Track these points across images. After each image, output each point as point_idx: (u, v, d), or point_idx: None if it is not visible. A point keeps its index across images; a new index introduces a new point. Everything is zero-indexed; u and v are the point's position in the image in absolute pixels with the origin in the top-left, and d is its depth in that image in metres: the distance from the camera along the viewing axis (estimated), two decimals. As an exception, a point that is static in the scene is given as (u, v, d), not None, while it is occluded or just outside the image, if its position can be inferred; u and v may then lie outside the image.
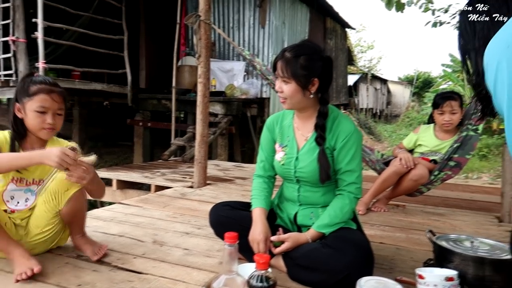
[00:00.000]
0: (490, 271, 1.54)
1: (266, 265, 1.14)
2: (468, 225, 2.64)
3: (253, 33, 7.28)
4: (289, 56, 1.63)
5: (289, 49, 1.66)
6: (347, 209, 1.68)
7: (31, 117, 1.66)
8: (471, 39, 1.05)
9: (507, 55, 0.80)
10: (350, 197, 1.69)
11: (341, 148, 1.67)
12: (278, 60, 1.65)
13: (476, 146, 2.72)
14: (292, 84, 1.62)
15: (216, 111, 6.10)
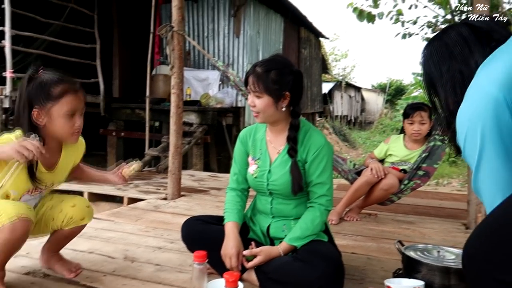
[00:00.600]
0: (455, 280, 1.59)
1: (235, 283, 1.14)
2: (437, 233, 2.71)
3: (228, 43, 7.31)
4: (260, 71, 1.65)
5: (260, 64, 1.68)
6: (318, 221, 1.69)
7: (59, 122, 1.50)
8: (439, 74, 1.09)
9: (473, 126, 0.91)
10: (321, 209, 1.70)
11: (312, 160, 1.69)
12: (250, 75, 1.67)
13: (443, 156, 2.81)
14: (264, 98, 1.64)
15: (191, 120, 6.06)
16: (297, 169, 1.68)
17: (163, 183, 4.20)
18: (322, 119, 18.24)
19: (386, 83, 33.90)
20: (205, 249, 1.69)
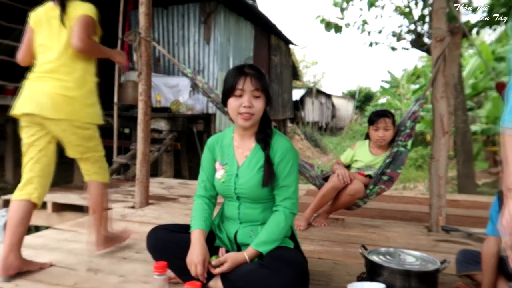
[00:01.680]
0: (415, 283, 1.64)
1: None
2: (401, 236, 2.79)
3: (198, 49, 7.30)
4: (257, 73, 1.67)
5: (250, 67, 1.70)
6: (283, 225, 1.71)
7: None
8: None
9: None
10: (286, 212, 1.72)
11: (279, 163, 1.72)
12: (248, 76, 1.64)
13: (405, 161, 2.90)
14: (262, 99, 1.67)
15: (160, 127, 5.99)
16: (270, 162, 1.70)
17: (131, 191, 4.11)
18: (293, 125, 18.43)
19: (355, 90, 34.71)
20: (171, 258, 1.70)
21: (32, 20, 2.10)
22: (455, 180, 7.79)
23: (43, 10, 2.10)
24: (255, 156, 1.75)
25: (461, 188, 6.79)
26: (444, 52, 2.92)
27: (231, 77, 1.66)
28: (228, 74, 1.70)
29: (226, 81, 1.69)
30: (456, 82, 6.43)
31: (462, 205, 3.97)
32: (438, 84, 2.93)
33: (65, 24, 2.04)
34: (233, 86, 1.63)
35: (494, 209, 1.81)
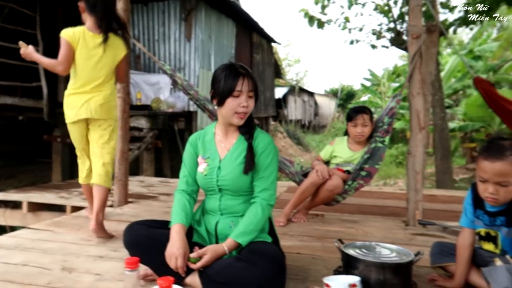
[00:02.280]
0: (390, 275, 1.67)
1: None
2: (379, 231, 2.82)
3: (179, 47, 7.24)
4: (250, 72, 1.75)
5: (242, 67, 1.76)
6: (260, 216, 1.74)
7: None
8: None
9: None
10: (263, 204, 1.76)
11: (260, 154, 1.78)
12: (245, 77, 1.71)
13: (383, 156, 2.93)
14: (253, 98, 1.76)
15: (141, 125, 5.93)
16: (252, 151, 1.76)
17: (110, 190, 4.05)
18: (276, 123, 18.48)
19: (338, 88, 35.02)
20: (148, 254, 1.71)
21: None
22: (434, 176, 7.94)
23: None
24: (237, 149, 1.81)
25: (439, 184, 6.93)
26: (420, 49, 2.96)
27: (229, 78, 1.69)
28: (223, 75, 1.72)
29: (222, 82, 1.71)
30: (434, 79, 6.56)
31: (439, 200, 4.05)
32: (415, 80, 2.97)
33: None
34: (232, 87, 1.68)
35: (467, 201, 1.85)
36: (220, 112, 1.78)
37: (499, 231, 1.72)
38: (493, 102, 2.78)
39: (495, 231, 1.74)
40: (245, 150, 1.78)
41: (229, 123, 1.80)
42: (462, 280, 1.80)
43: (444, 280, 1.87)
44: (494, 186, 1.60)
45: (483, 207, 1.77)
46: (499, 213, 1.70)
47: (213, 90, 1.77)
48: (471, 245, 1.80)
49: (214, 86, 1.76)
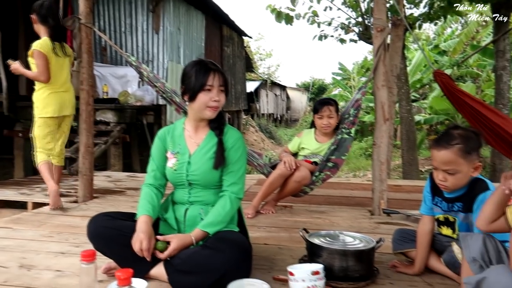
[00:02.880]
0: (352, 262, 1.70)
1: (128, 280, 1.10)
2: (345, 220, 2.88)
3: (147, 39, 7.09)
4: (220, 68, 1.80)
5: (212, 63, 1.79)
6: (228, 208, 1.76)
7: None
8: None
9: None
10: (232, 197, 1.79)
11: (230, 149, 1.81)
12: (216, 71, 1.75)
13: (350, 148, 2.98)
14: (224, 93, 1.79)
15: (107, 119, 5.78)
16: (222, 146, 1.79)
17: (75, 186, 3.93)
18: (248, 117, 18.48)
19: (309, 82, 35.39)
20: (112, 246, 1.71)
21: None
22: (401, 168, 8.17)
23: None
24: (207, 144, 1.83)
25: (406, 175, 7.13)
26: (385, 42, 3.02)
27: (200, 73, 1.72)
28: (194, 70, 1.74)
29: (193, 77, 1.73)
30: (400, 73, 6.72)
31: (404, 190, 4.17)
32: (379, 73, 3.03)
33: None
34: (204, 82, 1.71)
35: (426, 190, 1.91)
36: (192, 107, 1.80)
37: (456, 217, 1.79)
38: (452, 94, 2.88)
39: (453, 217, 1.81)
40: (215, 146, 1.81)
41: (200, 118, 1.82)
42: (422, 265, 1.87)
43: (405, 266, 1.92)
44: (443, 174, 1.66)
45: (441, 194, 1.83)
46: (456, 199, 1.77)
47: (184, 86, 1.79)
48: (431, 231, 1.87)
49: (184, 82, 1.78)
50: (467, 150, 1.62)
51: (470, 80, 13.14)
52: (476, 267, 1.23)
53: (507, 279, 1.04)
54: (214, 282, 1.56)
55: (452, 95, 2.87)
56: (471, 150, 1.63)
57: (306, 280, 1.52)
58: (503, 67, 5.75)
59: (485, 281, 1.07)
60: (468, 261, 1.26)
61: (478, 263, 1.23)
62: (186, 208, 1.83)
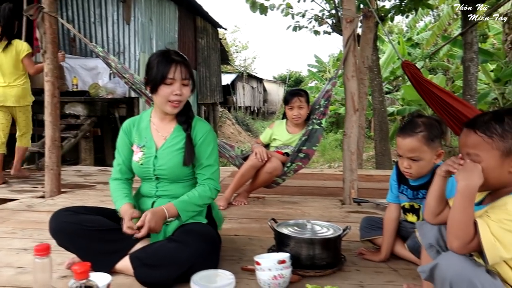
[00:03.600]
0: (319, 250, 1.72)
1: (85, 273, 1.07)
2: (316, 210, 2.90)
3: (118, 30, 6.91)
4: (185, 59, 1.71)
5: (176, 53, 1.73)
6: (206, 194, 1.76)
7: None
8: None
9: None
10: (211, 187, 1.78)
11: (201, 144, 1.77)
12: (178, 64, 1.66)
13: (320, 138, 2.99)
14: (189, 86, 1.72)
15: (77, 112, 5.63)
16: (191, 142, 1.74)
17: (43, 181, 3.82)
18: (224, 110, 18.39)
19: (286, 75, 35.48)
20: (75, 240, 1.68)
21: None
22: (375, 159, 8.31)
23: None
24: (175, 138, 1.78)
25: (379, 165, 7.26)
26: (354, 32, 3.04)
27: (161, 65, 1.65)
28: (156, 61, 1.68)
29: (155, 69, 1.67)
30: (373, 64, 6.80)
31: (375, 179, 4.25)
32: (349, 63, 3.05)
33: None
34: (164, 75, 1.64)
35: (392, 178, 1.95)
36: (154, 100, 1.76)
37: (421, 204, 1.83)
38: (419, 85, 2.93)
39: (418, 204, 1.85)
40: (183, 140, 1.76)
41: (170, 114, 1.77)
42: (388, 251, 1.91)
43: (372, 253, 1.96)
44: (407, 161, 1.70)
45: (406, 182, 1.87)
46: (420, 187, 1.81)
47: (146, 77, 1.73)
48: (397, 218, 1.90)
49: (147, 73, 1.73)
50: (430, 138, 1.65)
51: (441, 72, 13.47)
52: (433, 252, 1.27)
53: (457, 264, 1.06)
54: (180, 275, 1.55)
55: (420, 85, 2.92)
56: (434, 138, 1.67)
57: (273, 269, 1.52)
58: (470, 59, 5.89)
59: (437, 267, 1.09)
60: (425, 248, 1.29)
61: (434, 249, 1.27)
62: (153, 201, 1.81)
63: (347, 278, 1.71)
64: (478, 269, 1.05)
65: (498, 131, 1.10)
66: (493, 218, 1.07)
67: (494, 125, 1.11)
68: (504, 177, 1.11)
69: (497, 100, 8.81)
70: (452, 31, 12.36)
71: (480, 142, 1.12)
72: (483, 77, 9.36)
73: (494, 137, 1.10)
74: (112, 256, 1.68)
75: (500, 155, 1.10)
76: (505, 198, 1.11)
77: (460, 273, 1.04)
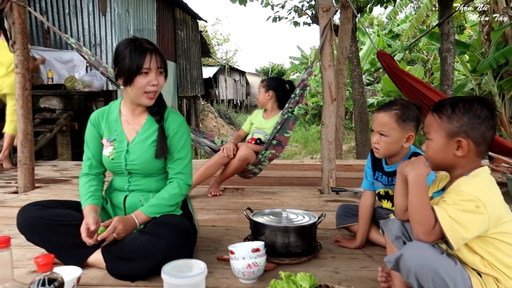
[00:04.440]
0: (294, 238, 1.72)
1: (48, 265, 1.04)
2: (294, 200, 2.91)
3: (94, 21, 6.75)
4: (156, 48, 1.65)
5: (148, 42, 1.65)
6: (175, 192, 1.70)
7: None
8: None
9: None
10: (180, 183, 1.72)
11: (173, 135, 1.71)
12: (153, 53, 1.60)
13: (292, 125, 2.96)
14: (163, 75, 1.67)
15: (53, 106, 5.49)
16: (164, 134, 1.68)
17: (16, 176, 3.72)
18: (206, 103, 18.26)
19: (268, 67, 35.41)
20: (43, 234, 1.63)
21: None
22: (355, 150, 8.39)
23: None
24: (146, 131, 1.72)
25: (359, 156, 7.34)
26: (331, 22, 3.03)
27: (135, 55, 1.57)
28: (128, 51, 1.59)
29: (128, 59, 1.58)
30: (352, 56, 6.84)
31: (354, 169, 4.28)
32: (326, 53, 3.05)
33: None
34: (140, 65, 1.57)
35: (367, 166, 1.96)
36: (127, 91, 1.66)
37: (395, 190, 1.84)
38: (394, 74, 2.95)
39: (393, 191, 1.87)
40: (156, 132, 1.70)
41: (137, 104, 1.70)
42: (364, 238, 1.92)
43: (347, 240, 1.97)
44: (377, 136, 1.73)
45: (381, 169, 1.88)
46: (395, 173, 1.82)
47: (117, 69, 1.63)
48: (372, 205, 1.92)
49: (118, 64, 1.62)
50: (403, 118, 1.68)
51: (420, 64, 13.65)
52: (400, 244, 1.30)
53: (421, 254, 1.08)
54: (152, 268, 1.53)
55: (394, 74, 2.94)
56: (407, 119, 1.68)
57: (247, 258, 1.52)
58: (447, 49, 5.98)
59: (402, 258, 1.10)
60: (391, 240, 1.32)
61: (401, 240, 1.30)
62: (125, 195, 1.76)
63: (322, 265, 1.72)
64: (441, 257, 1.07)
65: (448, 113, 1.16)
66: (448, 202, 1.10)
67: (447, 108, 1.17)
68: (450, 158, 1.16)
69: (474, 91, 8.98)
70: (431, 23, 12.52)
71: (432, 122, 1.20)
72: (461, 68, 9.51)
73: (443, 118, 1.17)
74: (84, 250, 1.64)
75: (445, 135, 1.16)
76: (457, 180, 1.15)
77: (424, 264, 1.06)
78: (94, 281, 1.56)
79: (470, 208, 1.05)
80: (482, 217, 1.05)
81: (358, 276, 1.62)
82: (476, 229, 1.06)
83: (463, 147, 1.14)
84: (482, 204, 1.04)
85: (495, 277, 1.09)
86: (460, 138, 1.13)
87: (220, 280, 1.57)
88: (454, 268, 1.07)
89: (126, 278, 1.56)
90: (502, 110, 7.89)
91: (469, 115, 1.13)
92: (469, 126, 1.13)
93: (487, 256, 1.09)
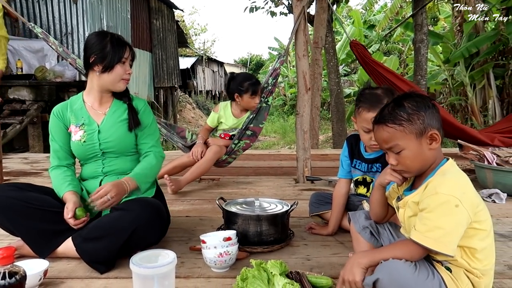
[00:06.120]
0: (266, 226, 1.73)
1: (9, 258, 1.01)
2: (270, 189, 2.92)
3: (64, 9, 6.54)
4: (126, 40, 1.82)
5: (120, 36, 1.82)
6: (154, 162, 1.82)
7: None
8: None
9: None
10: (157, 155, 1.85)
11: (142, 113, 1.85)
12: (128, 45, 1.78)
13: (267, 116, 2.95)
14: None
15: (22, 96, 5.32)
16: (134, 109, 1.82)
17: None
18: (184, 94, 18.06)
19: (247, 58, 35.26)
20: (16, 218, 1.58)
21: None
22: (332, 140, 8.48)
23: None
24: (116, 111, 1.82)
25: (336, 145, 7.42)
26: (304, 10, 3.02)
27: (117, 46, 1.73)
28: (109, 41, 1.72)
29: (110, 49, 1.71)
30: (329, 46, 6.87)
31: (330, 158, 4.33)
32: (300, 42, 3.05)
33: None
34: (121, 55, 1.74)
35: (343, 154, 1.98)
36: (102, 78, 1.75)
37: (374, 177, 1.88)
38: (366, 64, 2.99)
39: (371, 177, 1.91)
40: (126, 110, 1.81)
41: (107, 90, 1.80)
42: (336, 225, 1.95)
43: (320, 227, 2.00)
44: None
45: (360, 156, 1.91)
46: (375, 160, 1.85)
47: (95, 56, 1.72)
48: (346, 193, 1.95)
49: (96, 53, 1.72)
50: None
51: (396, 55, 13.85)
52: (367, 234, 1.33)
53: (398, 279, 1.06)
54: (123, 244, 1.53)
55: (367, 65, 2.98)
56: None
57: (218, 247, 1.51)
58: (421, 40, 6.08)
59: (379, 282, 1.07)
60: (358, 231, 1.35)
61: (368, 230, 1.32)
62: (100, 180, 1.78)
63: (295, 253, 1.74)
64: (418, 279, 1.06)
65: (405, 117, 1.14)
66: (425, 215, 1.08)
67: (399, 112, 1.15)
68: (427, 155, 1.15)
69: (446, 81, 9.18)
70: (406, 14, 12.69)
71: (394, 132, 1.15)
72: (434, 58, 9.70)
73: (403, 123, 1.14)
74: (56, 237, 1.62)
75: (415, 137, 1.14)
76: (430, 183, 1.13)
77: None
78: (63, 274, 1.53)
79: (451, 210, 1.05)
80: (465, 214, 1.05)
81: (329, 262, 1.64)
82: (462, 227, 1.06)
83: (436, 138, 1.13)
84: (459, 202, 1.05)
85: (464, 268, 1.11)
86: (430, 131, 1.13)
87: (192, 269, 1.57)
88: (432, 283, 1.07)
89: (96, 263, 1.54)
90: (474, 99, 8.11)
91: (422, 108, 1.14)
92: (429, 117, 1.13)
93: (463, 244, 1.09)
